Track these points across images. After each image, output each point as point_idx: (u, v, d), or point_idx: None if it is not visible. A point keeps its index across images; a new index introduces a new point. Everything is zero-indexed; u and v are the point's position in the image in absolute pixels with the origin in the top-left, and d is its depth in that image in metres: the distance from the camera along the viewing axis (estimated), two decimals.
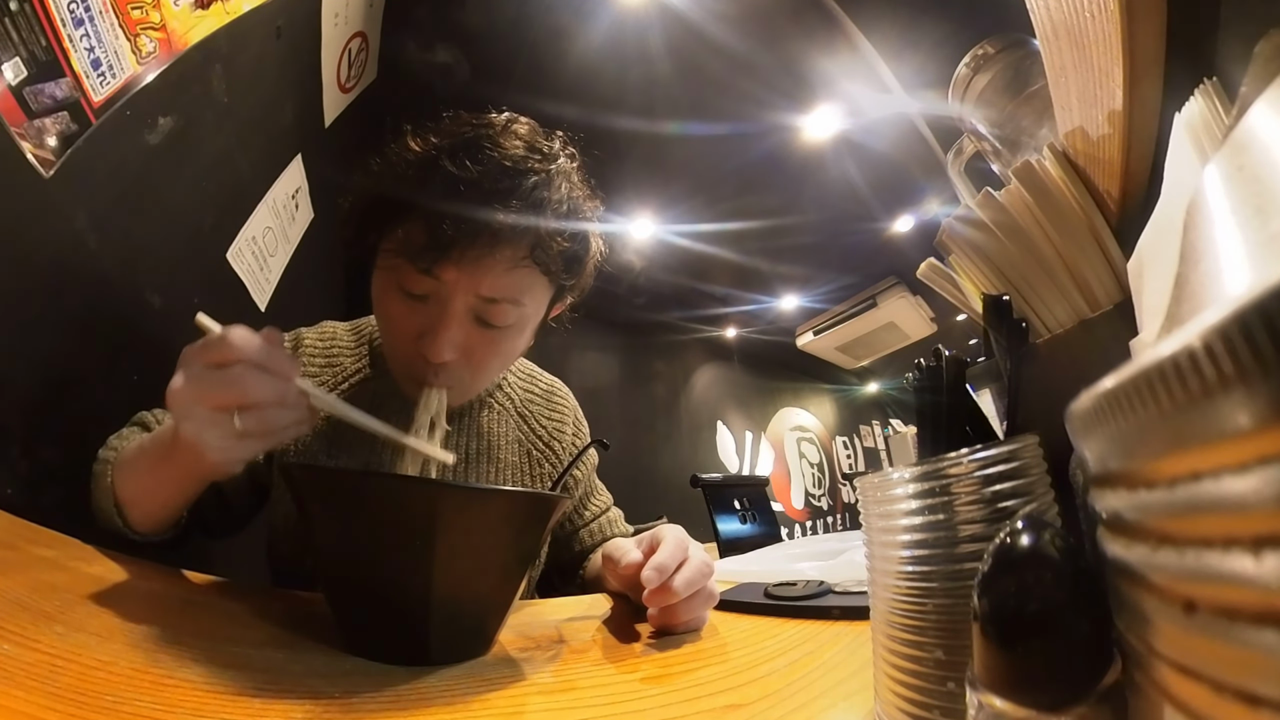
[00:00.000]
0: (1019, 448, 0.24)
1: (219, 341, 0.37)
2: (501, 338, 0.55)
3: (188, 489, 0.48)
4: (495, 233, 0.49)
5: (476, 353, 0.54)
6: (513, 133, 0.53)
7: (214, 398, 0.37)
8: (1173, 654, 0.12)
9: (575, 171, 0.56)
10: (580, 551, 0.74)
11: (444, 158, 0.49)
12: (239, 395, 0.37)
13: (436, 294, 0.51)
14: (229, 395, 0.37)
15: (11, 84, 0.52)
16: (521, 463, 0.70)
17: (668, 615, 0.47)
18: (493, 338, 0.54)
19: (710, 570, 0.49)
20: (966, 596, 0.18)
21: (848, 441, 4.78)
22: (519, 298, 0.53)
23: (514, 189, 0.49)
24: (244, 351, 0.37)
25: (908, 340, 3.61)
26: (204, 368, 0.37)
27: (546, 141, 0.54)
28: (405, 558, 0.36)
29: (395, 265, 0.51)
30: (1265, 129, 0.21)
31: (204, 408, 0.38)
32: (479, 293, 0.51)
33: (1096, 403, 0.13)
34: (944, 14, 1.42)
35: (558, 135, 0.56)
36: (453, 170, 0.48)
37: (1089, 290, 0.45)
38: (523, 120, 0.55)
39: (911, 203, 2.52)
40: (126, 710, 0.25)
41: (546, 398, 0.75)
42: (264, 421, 0.39)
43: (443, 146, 0.50)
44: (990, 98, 0.63)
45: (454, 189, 0.48)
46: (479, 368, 0.56)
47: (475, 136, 0.51)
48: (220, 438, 0.38)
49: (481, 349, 0.54)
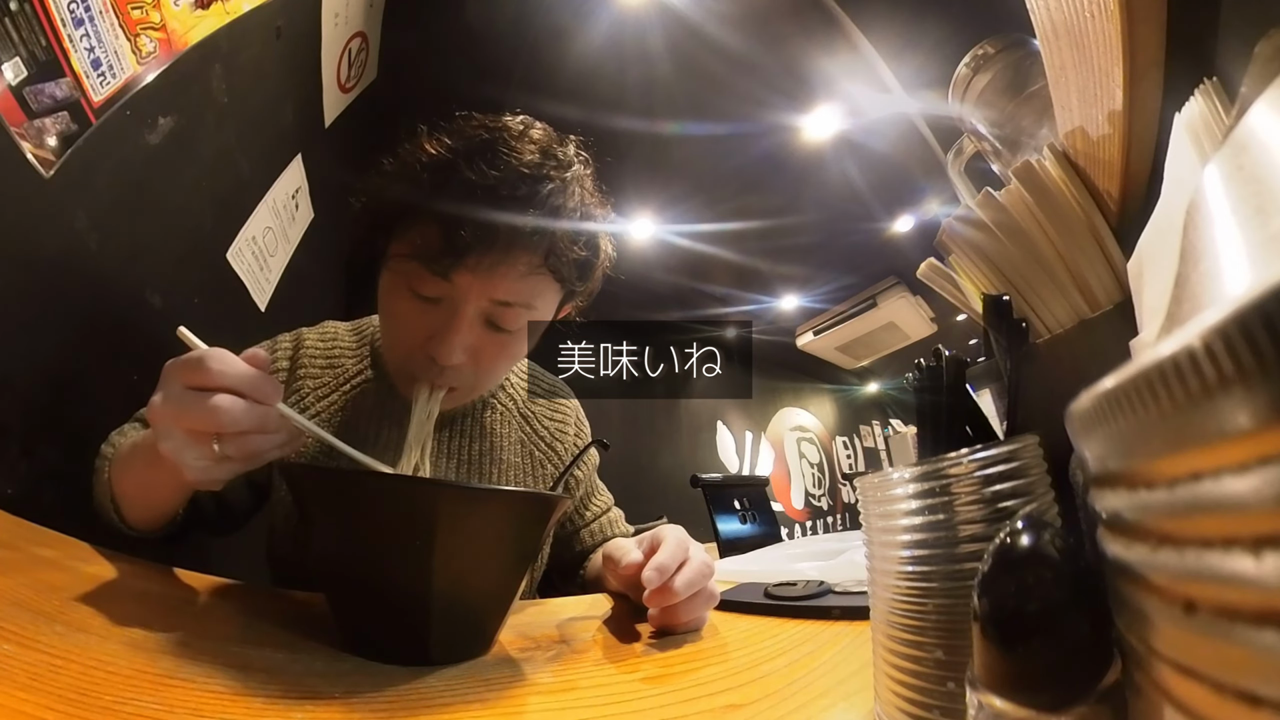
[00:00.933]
0: (1019, 448, 0.24)
1: (198, 363, 0.37)
2: (510, 341, 0.55)
3: (176, 494, 0.49)
4: (511, 239, 0.49)
5: (484, 356, 0.54)
6: (529, 138, 0.52)
7: (190, 422, 0.37)
8: (1173, 654, 0.12)
9: (589, 178, 0.56)
10: (581, 552, 0.74)
11: (460, 161, 0.49)
12: (215, 424, 0.36)
13: (449, 297, 0.51)
14: (206, 422, 0.36)
15: (11, 84, 0.52)
16: (524, 463, 0.70)
17: (668, 615, 0.47)
18: (501, 341, 0.54)
19: (711, 571, 0.49)
20: (966, 596, 0.18)
21: (848, 441, 4.78)
22: (531, 302, 0.53)
23: (531, 196, 0.49)
24: (223, 378, 0.37)
25: (908, 340, 3.61)
26: (183, 390, 0.37)
27: (562, 148, 0.54)
28: (405, 558, 0.36)
29: (407, 268, 0.51)
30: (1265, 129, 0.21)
31: (181, 430, 0.37)
32: (493, 297, 0.51)
33: (1096, 403, 0.13)
34: (944, 14, 1.42)
35: (572, 140, 0.56)
36: (470, 175, 0.48)
37: (1089, 290, 0.45)
38: (538, 125, 0.55)
39: (911, 203, 2.52)
40: (126, 710, 0.25)
41: (549, 398, 0.75)
42: (244, 447, 0.38)
43: (459, 149, 0.50)
44: (990, 98, 0.63)
45: (471, 194, 0.48)
46: (485, 370, 0.56)
47: (492, 140, 0.50)
48: (198, 459, 0.37)
49: (489, 352, 0.54)
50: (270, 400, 0.39)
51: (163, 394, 0.37)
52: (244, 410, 0.37)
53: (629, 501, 0.83)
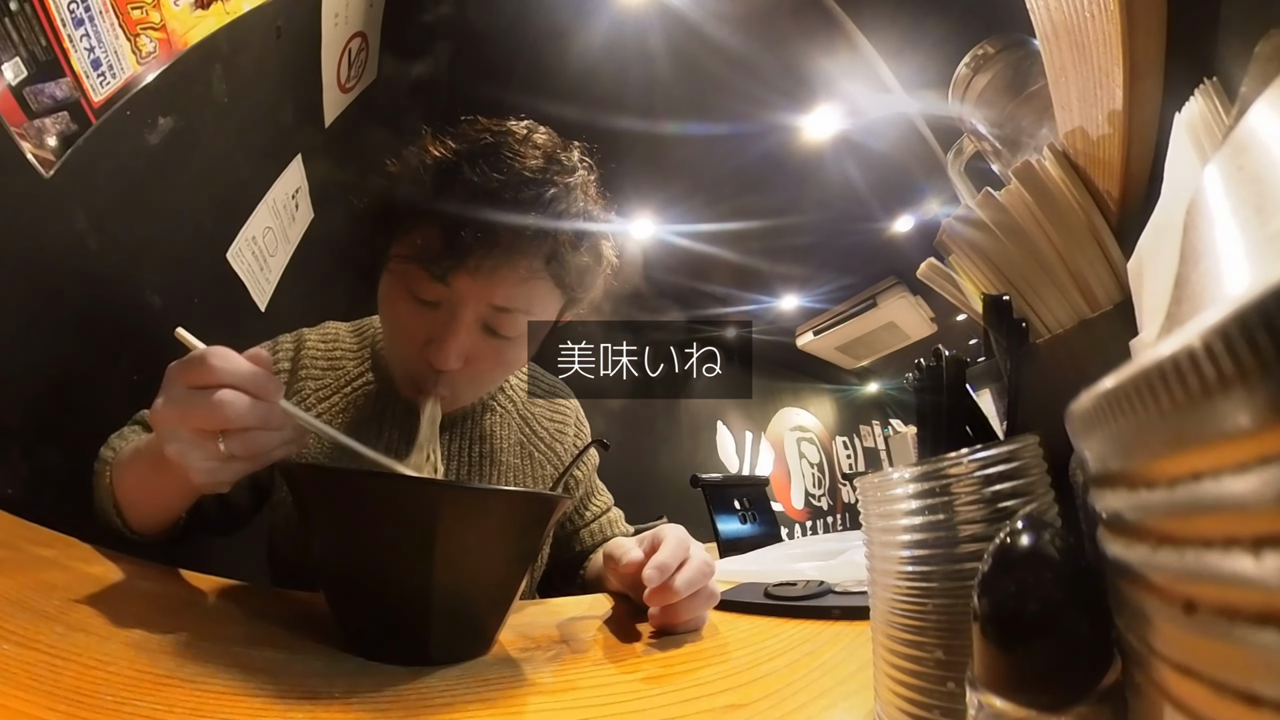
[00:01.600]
0: (1019, 448, 0.24)
1: (199, 362, 0.37)
2: (507, 347, 0.55)
3: (181, 498, 0.49)
4: (512, 243, 0.49)
5: (481, 361, 0.54)
6: (533, 143, 0.52)
7: (195, 420, 0.36)
8: (1173, 654, 0.12)
9: (593, 184, 0.56)
10: (580, 552, 0.74)
11: (464, 163, 0.48)
12: (221, 420, 0.36)
13: (448, 301, 0.51)
14: (211, 419, 0.36)
15: (11, 84, 0.52)
16: (524, 465, 0.70)
17: (668, 615, 0.47)
18: (498, 347, 0.54)
19: (711, 570, 0.49)
20: (966, 596, 0.18)
21: (848, 441, 4.78)
22: (530, 308, 0.53)
23: (534, 200, 0.49)
24: (225, 374, 0.36)
25: (908, 340, 3.61)
26: (185, 389, 0.37)
27: (566, 153, 0.53)
28: (405, 558, 0.36)
29: (407, 270, 0.51)
30: (1265, 129, 0.21)
31: (186, 430, 0.37)
32: (492, 302, 0.51)
33: (1096, 403, 0.13)
34: (944, 14, 1.42)
35: (576, 146, 0.55)
36: (473, 178, 0.48)
37: (1089, 290, 0.45)
38: (542, 130, 0.54)
39: (911, 203, 2.52)
40: (127, 710, 0.25)
41: (549, 398, 0.75)
42: (249, 445, 0.38)
43: (462, 152, 0.49)
44: (990, 98, 0.63)
45: (473, 197, 0.47)
46: (479, 377, 0.56)
47: (496, 144, 0.50)
48: (204, 459, 0.37)
49: (486, 358, 0.54)
50: (272, 396, 0.39)
51: (165, 396, 0.37)
52: (248, 405, 0.37)
53: (629, 501, 0.83)
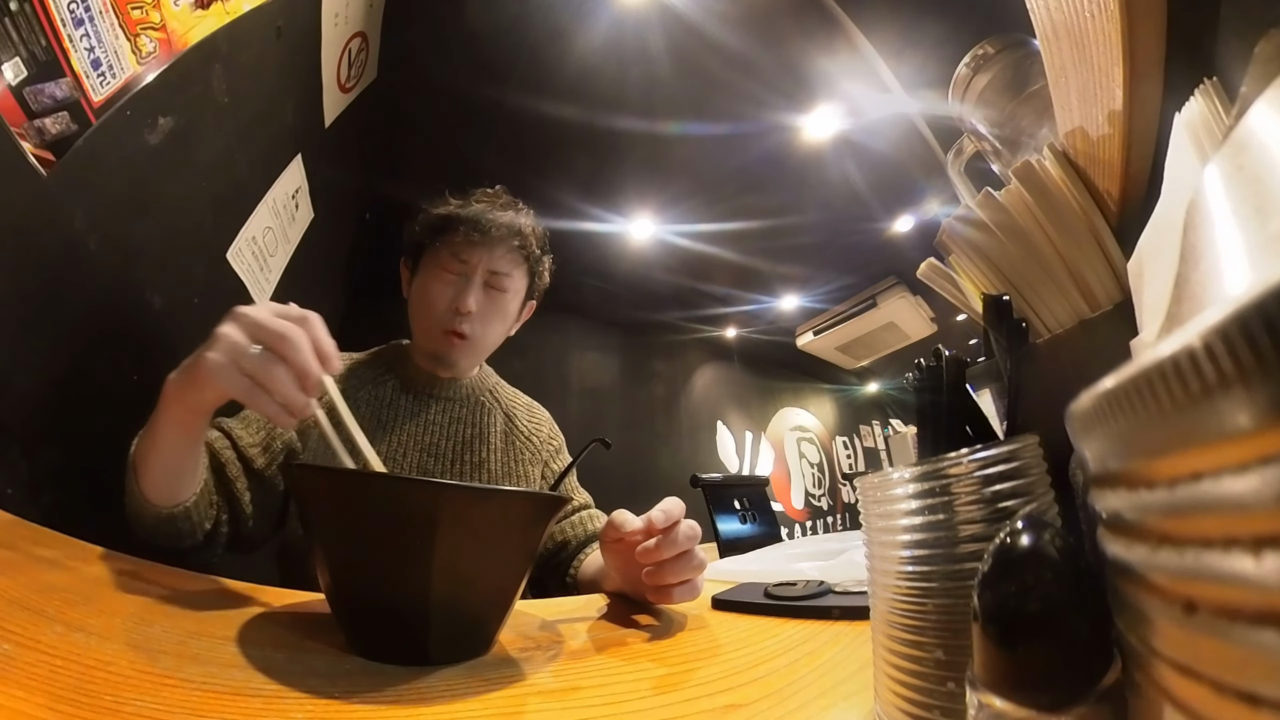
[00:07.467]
0: (1019, 448, 0.24)
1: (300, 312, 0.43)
2: (503, 300, 0.83)
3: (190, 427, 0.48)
4: (500, 231, 0.81)
5: (487, 307, 0.82)
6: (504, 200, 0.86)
7: (266, 332, 0.41)
8: (1173, 654, 0.12)
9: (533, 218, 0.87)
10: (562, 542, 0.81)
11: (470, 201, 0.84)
12: (286, 347, 0.41)
13: (464, 272, 0.81)
14: (281, 342, 0.41)
15: (11, 84, 0.52)
16: (507, 449, 0.87)
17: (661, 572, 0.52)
18: (496, 299, 0.83)
19: (697, 534, 0.54)
20: (966, 596, 0.18)
21: (848, 441, 4.78)
22: (513, 273, 0.84)
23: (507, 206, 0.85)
24: (313, 324, 0.43)
25: (908, 340, 3.61)
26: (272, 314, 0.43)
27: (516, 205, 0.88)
28: (406, 558, 0.36)
29: (439, 255, 0.81)
30: (1265, 129, 0.21)
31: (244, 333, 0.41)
32: (490, 268, 0.81)
33: (1096, 403, 0.13)
34: (944, 14, 1.43)
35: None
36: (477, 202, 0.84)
37: (1089, 290, 0.45)
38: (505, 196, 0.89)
39: (911, 203, 2.52)
40: (127, 710, 0.25)
41: (526, 407, 0.94)
42: (272, 377, 0.41)
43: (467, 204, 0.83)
44: (990, 98, 0.63)
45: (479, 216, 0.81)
46: (486, 320, 0.82)
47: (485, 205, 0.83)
48: (230, 351, 0.41)
49: (490, 307, 0.82)
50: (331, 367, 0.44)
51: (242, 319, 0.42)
52: (308, 355, 0.42)
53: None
